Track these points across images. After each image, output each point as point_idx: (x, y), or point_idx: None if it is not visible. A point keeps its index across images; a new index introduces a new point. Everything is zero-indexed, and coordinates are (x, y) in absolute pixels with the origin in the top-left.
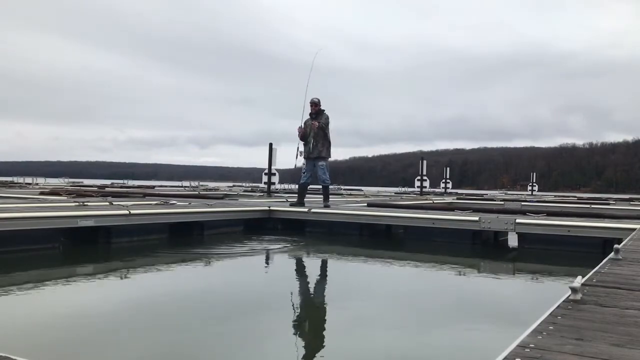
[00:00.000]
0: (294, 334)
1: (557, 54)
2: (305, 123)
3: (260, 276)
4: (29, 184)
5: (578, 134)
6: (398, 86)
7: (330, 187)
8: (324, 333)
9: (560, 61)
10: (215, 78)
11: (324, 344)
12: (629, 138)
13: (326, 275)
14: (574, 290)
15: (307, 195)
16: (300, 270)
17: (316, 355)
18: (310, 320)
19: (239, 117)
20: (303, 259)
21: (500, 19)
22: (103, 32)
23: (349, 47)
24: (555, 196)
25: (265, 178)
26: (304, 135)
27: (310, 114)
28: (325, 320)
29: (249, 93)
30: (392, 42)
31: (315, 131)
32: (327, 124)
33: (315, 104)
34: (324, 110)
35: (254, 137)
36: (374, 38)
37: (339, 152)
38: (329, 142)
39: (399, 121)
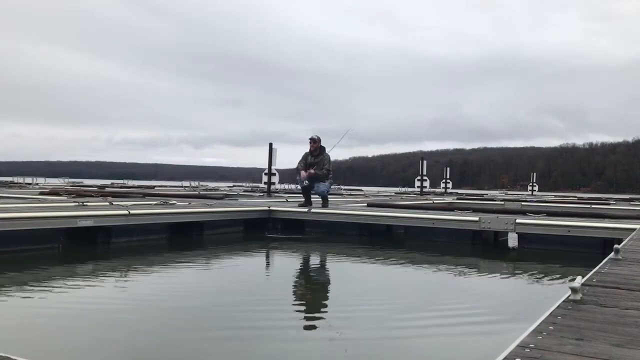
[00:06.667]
0: (294, 332)
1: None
2: (304, 158)
3: (260, 276)
4: (29, 184)
5: (578, 134)
6: (390, 91)
7: (331, 187)
8: (324, 332)
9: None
10: (210, 82)
11: (323, 343)
12: (629, 138)
13: (326, 275)
14: (574, 290)
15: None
16: (300, 270)
17: (316, 354)
18: (310, 320)
19: (236, 119)
20: (303, 259)
21: (469, 30)
22: (101, 42)
23: (338, 54)
24: (555, 196)
25: (265, 178)
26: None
27: (311, 151)
28: (324, 319)
29: (243, 96)
30: (377, 50)
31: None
32: (327, 171)
33: (314, 141)
34: (324, 148)
35: (251, 138)
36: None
37: (339, 153)
38: (328, 172)
39: (397, 122)
